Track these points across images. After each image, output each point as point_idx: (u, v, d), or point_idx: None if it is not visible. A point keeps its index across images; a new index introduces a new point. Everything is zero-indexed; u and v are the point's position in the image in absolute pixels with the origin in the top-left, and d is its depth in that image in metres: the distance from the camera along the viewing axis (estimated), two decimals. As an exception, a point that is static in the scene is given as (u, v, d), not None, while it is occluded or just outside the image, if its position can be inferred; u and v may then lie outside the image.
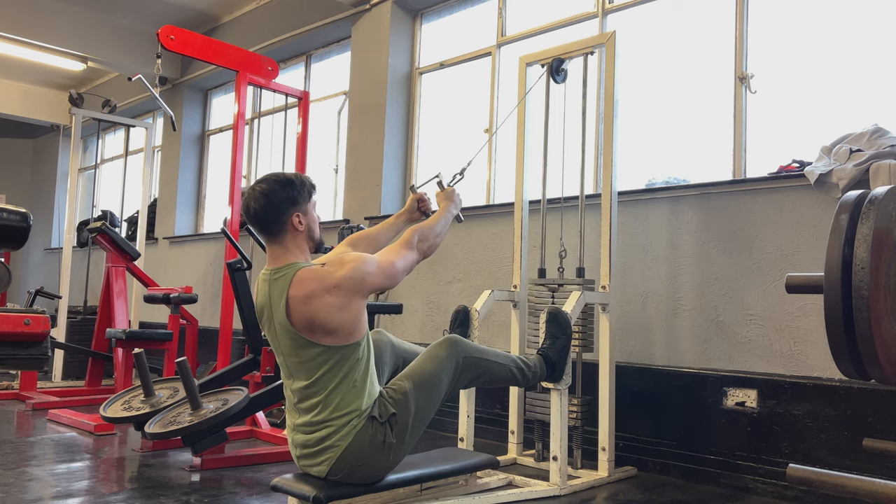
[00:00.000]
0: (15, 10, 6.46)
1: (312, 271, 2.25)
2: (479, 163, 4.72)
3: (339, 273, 2.23)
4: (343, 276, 2.22)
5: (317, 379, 2.27)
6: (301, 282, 2.23)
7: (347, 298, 2.22)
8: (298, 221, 2.32)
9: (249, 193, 2.32)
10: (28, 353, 3.45)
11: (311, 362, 2.27)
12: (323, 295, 2.20)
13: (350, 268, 2.24)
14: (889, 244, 1.53)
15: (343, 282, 2.22)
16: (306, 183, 2.39)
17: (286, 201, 2.30)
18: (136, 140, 8.03)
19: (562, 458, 2.97)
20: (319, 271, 2.25)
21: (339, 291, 2.21)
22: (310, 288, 2.21)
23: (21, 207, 3.79)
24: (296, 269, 2.26)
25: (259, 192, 2.30)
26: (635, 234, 3.69)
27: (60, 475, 3.08)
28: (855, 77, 3.31)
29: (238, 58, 4.76)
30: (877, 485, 1.46)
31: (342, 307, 2.22)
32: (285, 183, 2.33)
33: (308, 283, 2.22)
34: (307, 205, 2.37)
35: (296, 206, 2.32)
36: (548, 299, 3.42)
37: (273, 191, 2.30)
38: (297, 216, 2.32)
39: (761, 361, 3.21)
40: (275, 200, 2.29)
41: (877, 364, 1.49)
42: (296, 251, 2.33)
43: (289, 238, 2.32)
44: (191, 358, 5.39)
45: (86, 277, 6.72)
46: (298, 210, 2.33)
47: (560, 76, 3.61)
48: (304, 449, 2.32)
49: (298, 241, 2.34)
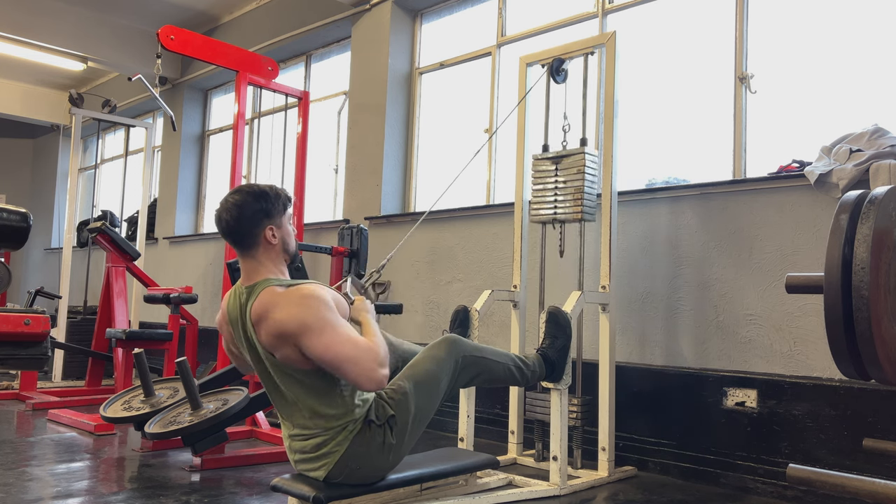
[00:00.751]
0: (15, 10, 6.46)
1: (271, 293, 2.16)
2: (479, 163, 4.72)
3: (279, 314, 2.11)
4: (281, 320, 2.11)
5: (296, 398, 2.23)
6: (262, 301, 2.16)
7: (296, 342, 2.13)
8: (272, 234, 2.25)
9: (222, 205, 2.25)
10: (28, 353, 3.46)
11: (286, 380, 2.23)
12: (272, 319, 2.13)
13: (298, 308, 2.10)
14: (889, 244, 1.53)
15: (282, 324, 2.11)
16: (281, 195, 2.31)
17: (259, 213, 2.23)
18: (136, 140, 8.03)
19: (562, 458, 2.97)
20: (276, 295, 2.16)
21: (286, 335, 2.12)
22: (268, 309, 2.14)
23: (21, 207, 3.80)
24: (260, 290, 2.19)
25: (232, 204, 2.23)
26: (635, 234, 3.69)
27: (60, 475, 3.08)
28: (855, 77, 3.31)
29: (238, 58, 4.76)
30: (877, 485, 1.46)
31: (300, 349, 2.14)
32: (259, 195, 2.25)
33: (267, 304, 2.15)
34: (282, 217, 2.29)
35: (269, 219, 2.25)
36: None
37: (246, 202, 2.23)
38: (271, 229, 2.25)
39: (761, 361, 3.21)
40: (248, 212, 2.22)
41: (877, 364, 1.49)
42: (269, 265, 2.27)
43: (261, 252, 2.26)
44: (191, 358, 5.39)
45: (86, 277, 6.72)
46: (272, 223, 2.25)
47: (560, 76, 3.61)
48: (302, 454, 2.31)
49: (272, 254, 2.28)
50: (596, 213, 3.46)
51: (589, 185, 3.37)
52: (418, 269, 4.75)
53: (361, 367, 2.10)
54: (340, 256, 4.67)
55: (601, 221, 3.38)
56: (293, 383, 2.22)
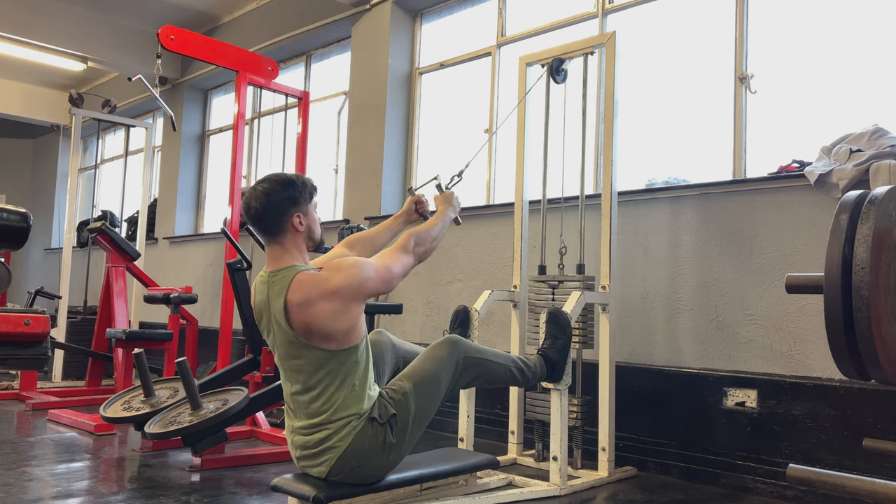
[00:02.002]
0: (15, 10, 6.46)
1: (310, 276, 2.24)
2: (479, 163, 4.72)
3: (336, 279, 2.22)
4: (340, 282, 2.21)
5: (315, 382, 2.27)
6: (299, 286, 2.22)
7: (345, 304, 2.22)
8: (299, 222, 2.32)
9: (251, 193, 2.31)
10: (28, 353, 3.45)
11: (310, 366, 2.26)
12: (320, 301, 2.19)
13: (347, 273, 2.23)
14: (889, 244, 1.53)
15: (341, 288, 2.21)
16: (307, 184, 2.39)
17: (287, 201, 2.30)
18: (136, 140, 8.03)
19: (562, 458, 2.97)
20: (317, 276, 2.24)
21: (337, 297, 2.20)
22: (308, 293, 2.20)
23: (21, 207, 3.79)
24: (294, 273, 2.25)
25: (260, 192, 2.29)
26: (635, 234, 3.69)
27: (60, 475, 3.08)
28: (855, 77, 3.31)
29: (238, 58, 4.76)
30: (877, 485, 1.46)
31: (340, 312, 2.21)
32: (287, 183, 2.33)
33: (306, 287, 2.21)
34: (308, 205, 2.37)
35: (296, 207, 2.32)
36: (548, 297, 3.42)
37: (274, 191, 2.30)
38: (298, 216, 2.32)
39: (761, 361, 3.21)
40: (275, 200, 2.28)
41: (877, 364, 1.49)
42: (295, 252, 2.32)
43: (288, 238, 2.31)
44: (191, 358, 5.39)
45: (86, 277, 6.72)
46: (299, 210, 2.32)
47: (560, 76, 3.61)
48: (304, 450, 2.32)
49: (298, 241, 2.34)
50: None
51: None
52: (418, 269, 4.75)
53: (401, 260, 2.41)
54: (340, 256, 4.66)
55: (601, 221, 3.38)
56: (316, 363, 2.25)
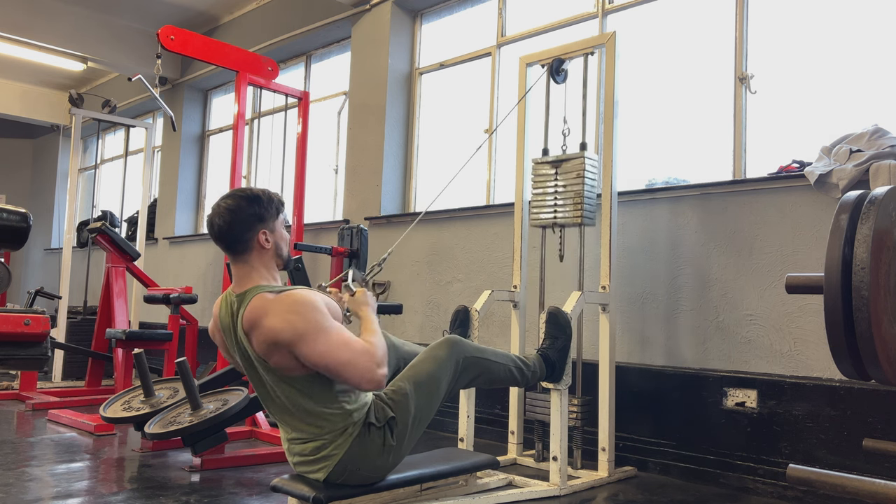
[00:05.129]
0: (15, 10, 6.46)
1: (262, 300, 2.13)
2: (479, 163, 4.72)
3: (269, 321, 2.08)
4: (272, 327, 2.08)
5: (293, 405, 2.21)
6: (252, 311, 2.13)
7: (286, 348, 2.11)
8: (265, 239, 2.23)
9: (214, 209, 2.23)
10: (28, 353, 3.45)
11: (283, 389, 2.20)
12: (265, 327, 2.10)
13: (292, 319, 2.07)
14: (889, 244, 1.53)
15: (273, 332, 2.08)
16: (274, 199, 2.29)
17: (252, 217, 2.21)
18: (136, 140, 8.03)
19: (562, 458, 2.97)
20: (267, 301, 2.12)
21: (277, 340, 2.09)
22: (257, 316, 2.11)
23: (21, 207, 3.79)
24: (251, 297, 2.16)
25: (224, 208, 2.20)
26: (635, 234, 3.69)
27: (60, 475, 3.08)
28: (855, 77, 3.31)
29: (238, 58, 4.76)
30: (877, 485, 1.46)
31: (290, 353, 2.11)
32: (252, 199, 2.23)
33: (257, 310, 2.12)
34: (275, 222, 2.26)
35: (263, 223, 2.23)
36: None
37: (239, 206, 2.21)
38: (264, 233, 2.23)
39: (761, 361, 3.21)
40: (241, 216, 2.19)
41: (877, 364, 1.49)
42: (262, 270, 2.24)
43: (254, 256, 2.23)
44: (191, 358, 5.39)
45: (86, 277, 6.72)
46: (265, 227, 2.23)
47: (560, 76, 3.61)
48: (301, 457, 2.30)
49: (265, 259, 2.25)
50: (596, 215, 3.46)
51: (589, 190, 3.37)
52: (418, 269, 4.75)
53: (359, 370, 2.09)
54: (340, 257, 4.67)
55: (601, 222, 3.38)
56: (288, 389, 2.19)
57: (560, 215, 3.40)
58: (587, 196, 3.36)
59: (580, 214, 3.33)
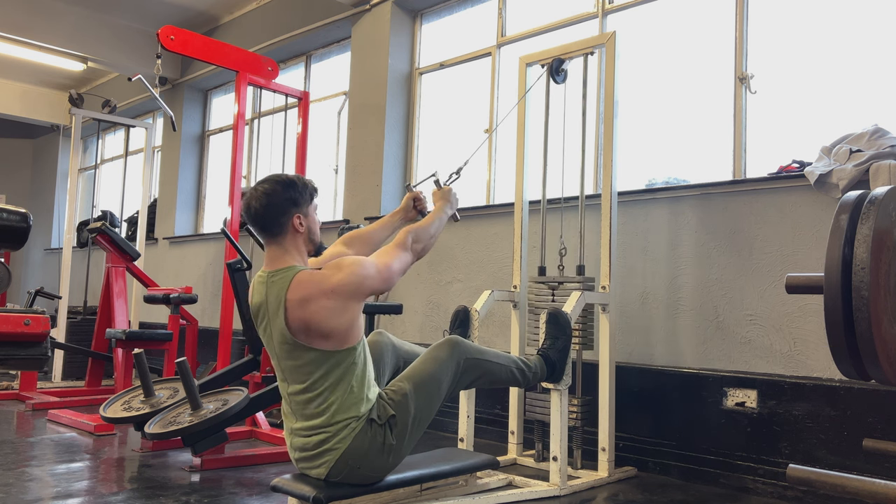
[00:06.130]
0: (15, 10, 6.46)
1: (310, 274, 2.25)
2: (479, 163, 4.72)
3: (336, 277, 2.23)
4: (341, 281, 2.22)
5: (312, 383, 2.26)
6: (299, 285, 2.22)
7: (344, 302, 2.22)
8: (299, 223, 2.32)
9: (251, 193, 2.32)
10: (28, 353, 3.45)
11: (307, 367, 2.26)
12: (320, 298, 2.20)
13: (348, 272, 2.24)
14: (889, 244, 1.53)
15: (341, 286, 2.22)
16: (308, 185, 2.40)
17: (287, 202, 2.30)
18: (136, 140, 8.03)
19: (562, 458, 2.97)
20: (317, 274, 2.25)
21: (337, 295, 2.21)
22: (307, 291, 2.21)
23: (21, 207, 3.80)
24: (294, 272, 2.26)
25: (261, 192, 2.30)
26: (635, 234, 3.69)
27: (60, 475, 3.08)
28: (855, 77, 3.31)
29: (238, 58, 4.76)
30: (877, 485, 1.46)
31: (339, 311, 2.22)
32: (287, 184, 2.33)
33: (306, 286, 2.22)
34: (308, 207, 2.37)
35: (297, 208, 2.32)
36: (548, 297, 3.42)
37: (275, 191, 2.30)
38: (298, 217, 2.32)
39: (761, 362, 3.21)
40: (276, 201, 2.29)
41: (877, 364, 1.49)
42: (294, 253, 2.33)
43: (288, 239, 2.32)
44: (191, 358, 5.39)
45: (86, 277, 6.72)
46: (300, 212, 2.33)
47: (560, 76, 3.61)
48: (303, 452, 2.32)
49: (298, 243, 2.34)
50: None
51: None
52: (418, 269, 4.75)
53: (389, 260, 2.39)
54: (340, 256, 4.66)
55: (601, 222, 3.38)
56: (313, 364, 2.24)
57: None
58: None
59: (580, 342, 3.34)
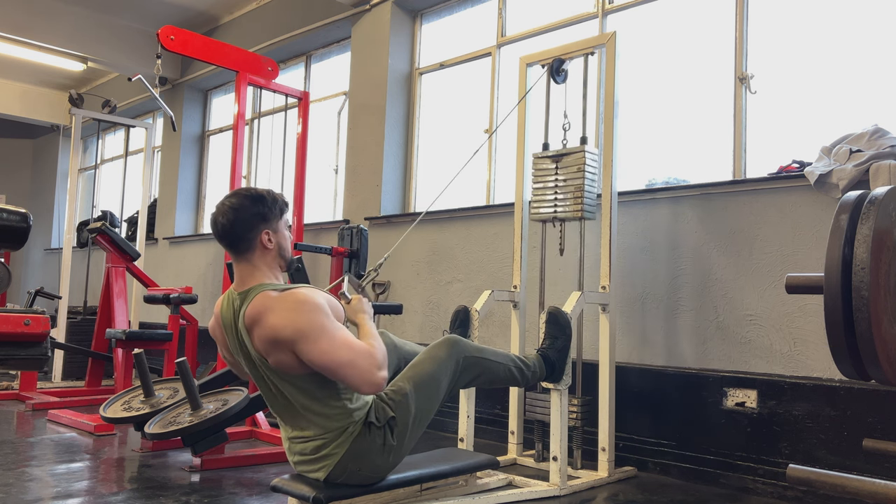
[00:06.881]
0: (15, 11, 6.46)
1: (265, 297, 2.13)
2: (479, 163, 4.72)
3: (275, 319, 2.08)
4: (278, 323, 2.07)
5: (295, 403, 2.22)
6: (256, 308, 2.13)
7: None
8: (268, 239, 2.23)
9: (218, 208, 2.23)
10: (28, 353, 3.45)
11: (284, 389, 2.21)
12: (266, 324, 2.10)
13: (291, 318, 2.07)
14: (889, 244, 1.53)
15: (277, 328, 2.08)
16: (278, 200, 2.28)
17: (256, 217, 2.20)
18: (136, 140, 8.03)
19: (562, 458, 2.97)
20: (270, 299, 2.12)
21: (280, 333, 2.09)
22: (259, 312, 2.12)
23: (21, 207, 3.79)
24: (256, 293, 2.16)
25: (228, 207, 2.20)
26: (635, 234, 3.69)
27: (60, 475, 3.08)
28: (855, 77, 3.31)
29: (238, 58, 4.76)
30: (877, 485, 1.46)
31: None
32: (256, 198, 2.23)
33: (258, 307, 2.12)
34: (278, 222, 2.26)
35: (266, 223, 2.22)
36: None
37: (243, 206, 2.20)
38: (267, 234, 2.23)
39: (761, 362, 3.21)
40: (244, 216, 2.19)
41: (877, 364, 1.49)
42: (265, 270, 2.24)
43: (257, 256, 2.23)
44: (191, 358, 5.39)
45: (86, 277, 6.72)
46: (269, 227, 2.23)
47: (560, 76, 3.61)
48: (301, 456, 2.31)
49: (267, 259, 2.25)
50: (596, 211, 3.46)
51: (589, 183, 3.37)
52: (418, 269, 4.75)
53: (359, 371, 2.09)
54: (340, 257, 4.66)
55: (601, 222, 3.38)
56: (289, 388, 2.20)
57: (560, 209, 3.40)
58: (587, 190, 3.36)
59: (580, 208, 3.33)
